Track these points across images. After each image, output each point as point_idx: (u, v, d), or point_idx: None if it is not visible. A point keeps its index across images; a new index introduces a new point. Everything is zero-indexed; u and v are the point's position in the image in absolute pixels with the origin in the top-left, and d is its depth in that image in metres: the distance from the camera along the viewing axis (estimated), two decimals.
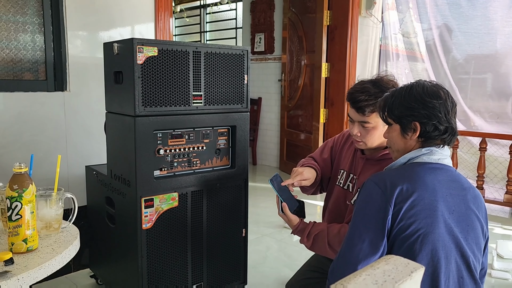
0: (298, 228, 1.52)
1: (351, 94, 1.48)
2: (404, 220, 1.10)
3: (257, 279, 2.36)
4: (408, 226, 1.10)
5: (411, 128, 1.20)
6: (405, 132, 1.22)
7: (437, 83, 1.24)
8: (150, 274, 1.71)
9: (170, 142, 1.73)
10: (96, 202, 2.05)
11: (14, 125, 2.09)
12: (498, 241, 2.86)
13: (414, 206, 1.10)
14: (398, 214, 1.10)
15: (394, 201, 1.10)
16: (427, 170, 1.17)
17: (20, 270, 1.06)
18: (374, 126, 1.47)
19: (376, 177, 1.18)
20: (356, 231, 1.14)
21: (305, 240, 1.51)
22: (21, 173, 1.15)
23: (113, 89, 1.77)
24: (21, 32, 2.17)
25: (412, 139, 1.21)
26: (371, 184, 1.16)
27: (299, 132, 4.79)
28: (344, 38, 4.16)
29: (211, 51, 1.76)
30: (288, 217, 1.52)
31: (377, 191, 1.14)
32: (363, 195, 1.18)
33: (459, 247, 1.14)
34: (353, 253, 1.12)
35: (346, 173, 1.64)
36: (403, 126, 1.22)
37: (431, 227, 1.10)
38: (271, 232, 3.11)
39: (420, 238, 1.09)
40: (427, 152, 1.20)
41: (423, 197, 1.11)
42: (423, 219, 1.10)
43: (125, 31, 2.47)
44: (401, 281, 0.56)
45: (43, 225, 1.31)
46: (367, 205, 1.15)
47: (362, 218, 1.15)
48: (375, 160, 1.53)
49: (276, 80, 5.26)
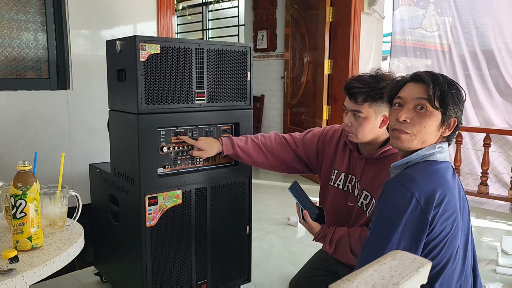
0: (320, 235, 1.50)
1: (346, 83, 1.50)
2: (437, 226, 1.05)
3: (261, 276, 2.36)
4: (440, 231, 1.05)
5: (448, 123, 1.14)
6: (443, 124, 1.14)
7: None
8: (154, 272, 1.71)
9: (174, 140, 1.72)
10: (100, 200, 2.05)
11: (17, 123, 2.10)
12: (502, 237, 2.85)
13: (445, 211, 1.05)
14: (433, 221, 1.04)
15: (432, 211, 1.03)
16: (445, 170, 1.13)
17: (25, 267, 1.06)
18: (366, 116, 1.45)
19: (406, 180, 1.08)
20: (388, 242, 1.04)
21: (327, 247, 1.49)
22: (25, 171, 1.15)
23: (116, 87, 1.77)
24: (24, 30, 2.17)
25: (444, 134, 1.15)
26: (401, 188, 1.05)
27: (302, 129, 4.76)
28: (347, 34, 4.15)
29: (213, 48, 1.75)
30: (310, 225, 1.50)
31: (410, 197, 1.03)
32: (391, 200, 1.07)
33: (466, 244, 1.14)
34: None
35: (344, 174, 1.60)
36: (444, 117, 1.13)
37: (456, 230, 1.08)
38: (274, 229, 3.10)
39: (448, 242, 1.06)
40: (439, 149, 1.15)
41: (450, 200, 1.07)
42: (450, 223, 1.06)
43: (127, 29, 2.47)
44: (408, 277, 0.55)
45: (47, 223, 1.31)
46: (400, 213, 1.04)
47: (394, 227, 1.04)
48: (375, 159, 1.50)
49: (279, 77, 5.25)
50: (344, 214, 1.56)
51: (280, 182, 4.54)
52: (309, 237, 2.97)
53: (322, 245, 1.52)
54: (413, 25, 4.63)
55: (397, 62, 4.70)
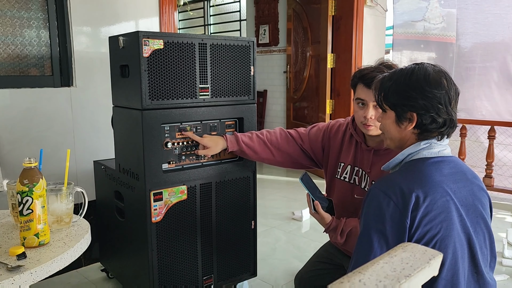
0: (331, 226, 1.49)
1: (365, 75, 1.43)
2: (420, 228, 1.03)
3: (267, 271, 2.36)
4: (424, 233, 1.03)
5: (406, 118, 1.12)
6: (400, 121, 1.13)
7: (440, 69, 1.13)
8: (160, 267, 1.71)
9: (178, 135, 1.72)
10: (105, 197, 2.05)
11: (22, 121, 2.10)
12: (508, 230, 2.84)
13: (428, 212, 1.03)
14: (413, 223, 1.03)
15: (410, 214, 1.02)
16: (432, 167, 1.09)
17: (33, 264, 1.07)
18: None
19: (384, 184, 1.09)
20: (371, 250, 1.05)
21: (338, 238, 1.47)
22: (31, 167, 1.15)
23: (119, 83, 1.76)
24: (26, 27, 2.17)
25: (407, 129, 1.13)
26: (380, 194, 1.06)
27: (305, 124, 4.77)
28: (349, 28, 4.12)
29: (216, 42, 1.75)
30: (321, 215, 1.48)
31: (388, 202, 1.04)
32: (372, 206, 1.07)
33: (469, 242, 1.09)
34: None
35: (350, 167, 1.60)
36: (398, 114, 1.13)
37: (447, 230, 1.04)
38: (279, 224, 3.11)
39: (438, 243, 1.04)
40: (426, 146, 1.12)
41: (436, 200, 1.04)
42: (439, 224, 1.04)
43: (129, 26, 2.46)
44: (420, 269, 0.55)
45: (54, 219, 1.31)
46: (380, 219, 1.05)
47: (376, 234, 1.05)
48: (383, 151, 1.50)
49: (281, 72, 5.23)
50: (351, 207, 1.56)
51: (284, 177, 4.53)
52: (314, 231, 2.98)
53: (332, 236, 1.51)
54: (415, 18, 4.60)
55: (400, 56, 4.68)
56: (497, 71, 4.28)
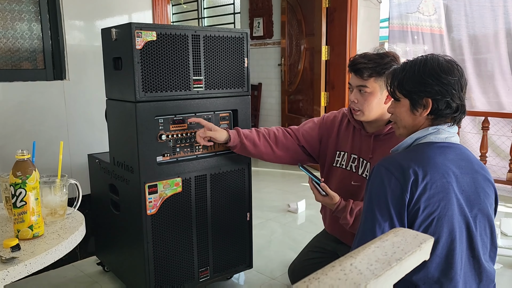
0: (340, 206, 1.50)
1: (352, 61, 1.53)
2: (418, 205, 1.08)
3: (262, 262, 2.37)
4: (422, 210, 1.08)
5: (421, 105, 1.17)
6: (415, 108, 1.18)
7: (451, 58, 1.20)
8: (156, 260, 1.71)
9: (172, 128, 1.72)
10: (99, 190, 2.05)
11: (15, 115, 2.08)
12: (501, 219, 2.87)
13: (426, 191, 1.08)
14: (412, 199, 1.08)
15: (409, 188, 1.08)
16: (437, 150, 1.14)
17: (27, 256, 1.07)
18: (371, 91, 1.48)
19: (387, 162, 1.14)
20: (376, 221, 1.10)
21: (348, 217, 1.48)
22: (24, 159, 1.15)
23: (112, 76, 1.76)
24: (18, 20, 2.14)
25: (422, 116, 1.18)
26: (383, 170, 1.12)
27: (300, 117, 4.77)
28: (343, 20, 4.12)
29: (210, 34, 1.74)
30: (331, 195, 1.50)
31: (389, 177, 1.10)
32: (376, 181, 1.13)
33: (468, 228, 1.12)
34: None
35: (347, 154, 1.63)
36: (413, 102, 1.18)
37: (445, 209, 1.08)
38: (275, 216, 3.12)
39: (434, 221, 1.08)
40: (434, 131, 1.17)
41: (435, 179, 1.09)
42: (436, 202, 1.08)
43: (122, 19, 2.45)
44: (411, 252, 0.55)
45: (48, 211, 1.31)
46: (382, 193, 1.10)
47: (379, 206, 1.10)
48: (384, 135, 1.52)
49: (276, 65, 5.22)
50: (348, 193, 1.57)
51: (279, 169, 4.54)
52: (309, 223, 3.00)
53: (341, 217, 1.51)
54: (410, 9, 4.60)
55: (395, 47, 4.68)
56: (490, 63, 4.30)
